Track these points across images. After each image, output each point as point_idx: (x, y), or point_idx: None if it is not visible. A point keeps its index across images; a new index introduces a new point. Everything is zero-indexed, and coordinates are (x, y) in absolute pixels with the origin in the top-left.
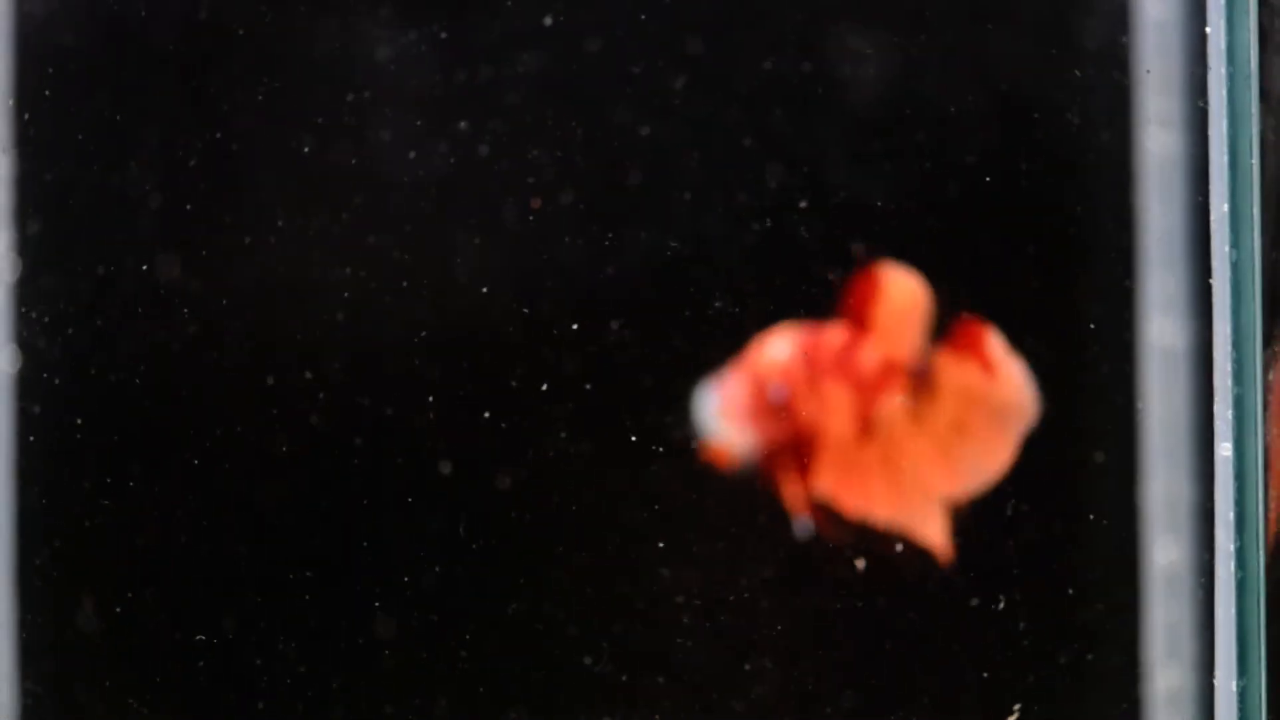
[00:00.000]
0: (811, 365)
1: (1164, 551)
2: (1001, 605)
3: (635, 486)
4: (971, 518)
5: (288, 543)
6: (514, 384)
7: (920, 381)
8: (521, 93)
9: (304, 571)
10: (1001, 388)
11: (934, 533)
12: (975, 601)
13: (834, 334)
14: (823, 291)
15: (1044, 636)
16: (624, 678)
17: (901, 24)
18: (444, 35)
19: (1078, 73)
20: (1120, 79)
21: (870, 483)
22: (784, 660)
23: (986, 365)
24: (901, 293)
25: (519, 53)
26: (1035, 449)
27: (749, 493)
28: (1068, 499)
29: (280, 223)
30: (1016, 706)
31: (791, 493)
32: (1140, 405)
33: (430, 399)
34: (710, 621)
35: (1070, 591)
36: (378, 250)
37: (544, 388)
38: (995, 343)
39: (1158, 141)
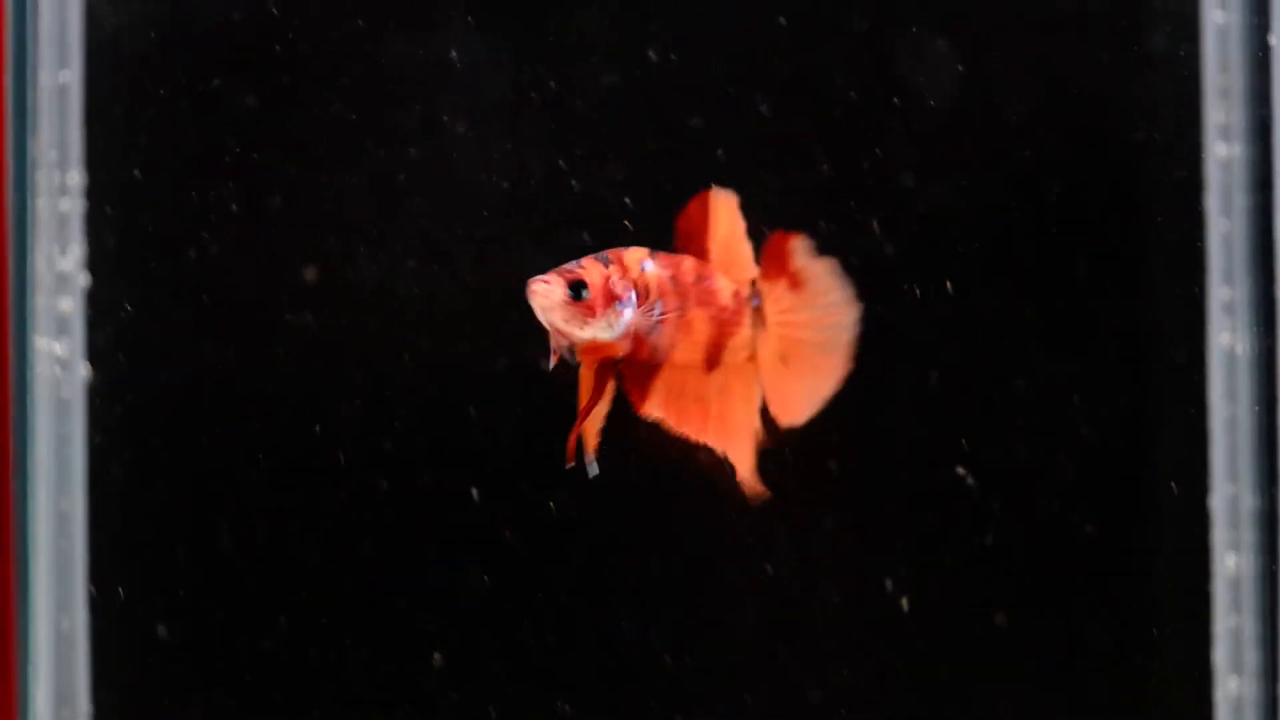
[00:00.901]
0: (664, 283)
1: (1228, 559)
2: (1063, 613)
3: (695, 488)
4: (1033, 522)
5: (356, 550)
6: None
7: (754, 310)
8: (596, 104)
9: (377, 577)
10: (812, 302)
11: (746, 466)
12: (1036, 609)
13: (681, 262)
14: (902, 303)
15: (1108, 644)
16: (676, 670)
17: (967, 36)
18: (518, 45)
19: (1139, 82)
20: (1183, 88)
21: (700, 408)
22: (832, 664)
23: (794, 281)
24: (729, 217)
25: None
26: (1099, 456)
27: (809, 499)
28: (1131, 505)
29: (352, 233)
30: None
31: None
32: (1205, 412)
33: (504, 403)
34: (775, 618)
35: (1135, 599)
36: (452, 262)
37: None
38: (802, 251)
39: (1221, 150)
